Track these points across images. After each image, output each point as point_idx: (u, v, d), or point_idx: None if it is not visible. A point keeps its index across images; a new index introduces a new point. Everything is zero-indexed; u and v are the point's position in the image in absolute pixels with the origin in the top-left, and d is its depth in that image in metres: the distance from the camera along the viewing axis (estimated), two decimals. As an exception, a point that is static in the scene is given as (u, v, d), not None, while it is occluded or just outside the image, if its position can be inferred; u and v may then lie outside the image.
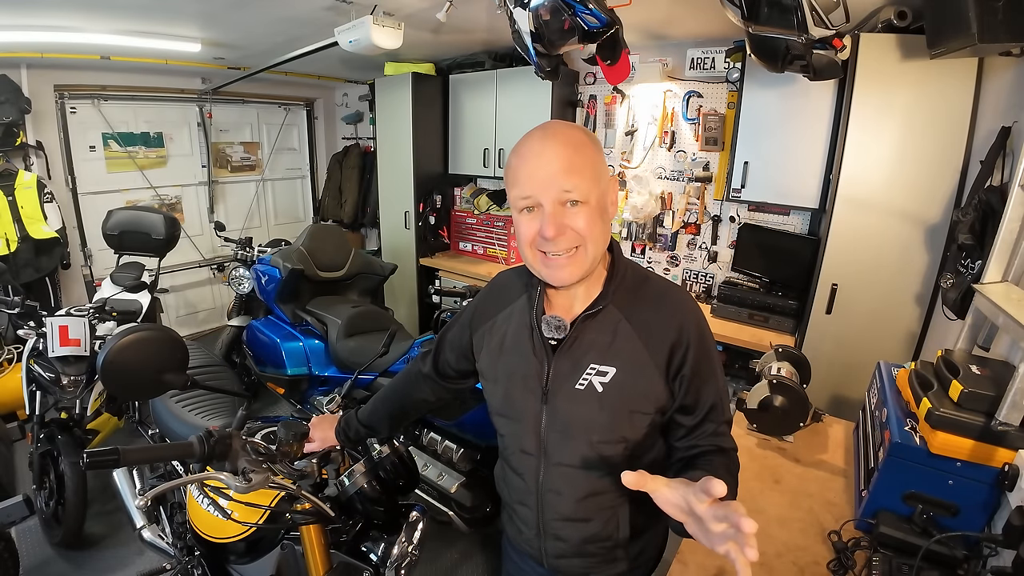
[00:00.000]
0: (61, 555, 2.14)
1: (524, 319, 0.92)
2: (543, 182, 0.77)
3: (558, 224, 0.77)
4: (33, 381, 2.11)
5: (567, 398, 0.87)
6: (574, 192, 0.77)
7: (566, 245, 0.79)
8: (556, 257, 0.80)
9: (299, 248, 2.90)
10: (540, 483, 0.93)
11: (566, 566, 1.00)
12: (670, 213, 3.15)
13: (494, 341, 0.97)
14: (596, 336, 0.86)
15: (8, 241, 3.03)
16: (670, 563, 1.13)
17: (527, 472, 0.95)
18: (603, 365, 0.85)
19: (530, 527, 0.99)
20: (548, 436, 0.90)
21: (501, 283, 1.03)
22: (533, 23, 1.85)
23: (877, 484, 1.19)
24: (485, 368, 0.99)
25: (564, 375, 0.87)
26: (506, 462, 1.02)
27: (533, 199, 0.79)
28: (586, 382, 0.85)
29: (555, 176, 0.77)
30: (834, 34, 1.79)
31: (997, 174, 1.74)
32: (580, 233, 0.79)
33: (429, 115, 3.74)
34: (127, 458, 0.88)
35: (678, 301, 0.88)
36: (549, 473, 0.92)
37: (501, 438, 1.01)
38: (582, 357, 0.86)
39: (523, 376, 0.91)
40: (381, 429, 1.22)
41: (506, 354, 0.94)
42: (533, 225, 0.80)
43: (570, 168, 0.77)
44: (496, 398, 0.97)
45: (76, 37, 2.74)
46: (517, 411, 0.93)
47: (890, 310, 2.21)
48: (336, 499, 1.14)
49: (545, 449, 0.91)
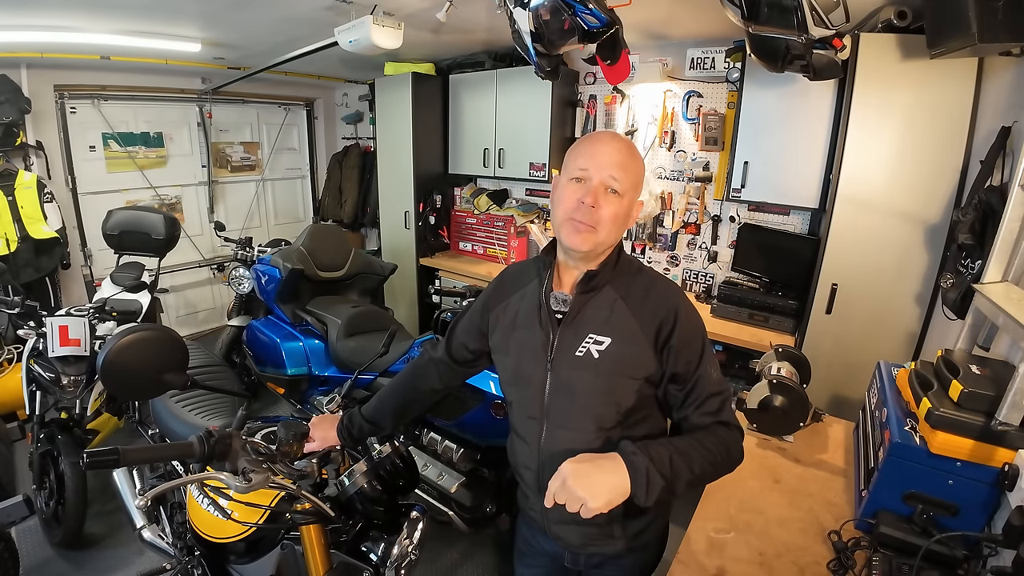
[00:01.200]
0: (61, 555, 2.14)
1: (535, 298, 1.05)
2: (600, 163, 0.94)
3: (596, 197, 0.93)
4: (33, 381, 2.11)
5: (569, 364, 0.99)
6: (618, 182, 0.93)
7: (592, 219, 0.93)
8: (581, 224, 0.94)
9: (299, 248, 2.90)
10: (541, 445, 1.04)
11: (566, 534, 1.10)
12: (670, 213, 3.15)
13: (507, 318, 1.09)
14: (595, 312, 0.99)
15: (8, 241, 3.03)
16: (670, 563, 1.13)
17: (531, 436, 1.06)
18: (600, 336, 0.97)
19: (533, 490, 1.10)
20: (551, 400, 1.02)
21: (515, 271, 1.17)
22: (533, 23, 1.85)
23: (877, 484, 1.19)
24: (498, 343, 1.11)
25: (567, 344, 0.99)
26: (514, 430, 1.13)
27: (587, 173, 0.94)
28: (584, 349, 0.98)
29: (611, 164, 0.93)
30: (834, 34, 1.79)
31: (997, 174, 1.74)
32: (603, 218, 0.93)
33: (429, 115, 3.73)
34: (127, 458, 0.88)
35: (666, 288, 1.02)
36: (550, 436, 1.03)
37: (510, 406, 1.12)
38: (582, 328, 0.99)
39: (532, 348, 1.03)
40: (386, 424, 1.25)
41: (518, 329, 1.07)
42: (578, 192, 0.94)
43: (623, 165, 0.94)
44: (507, 369, 1.10)
45: (76, 37, 2.74)
46: (525, 378, 1.05)
47: (890, 310, 2.21)
48: (336, 499, 1.14)
49: (548, 412, 1.03)
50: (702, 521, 1.24)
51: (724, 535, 1.20)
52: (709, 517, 1.25)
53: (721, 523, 1.23)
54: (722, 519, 1.25)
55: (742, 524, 1.24)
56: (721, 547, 1.17)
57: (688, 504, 1.29)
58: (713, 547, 1.17)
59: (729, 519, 1.26)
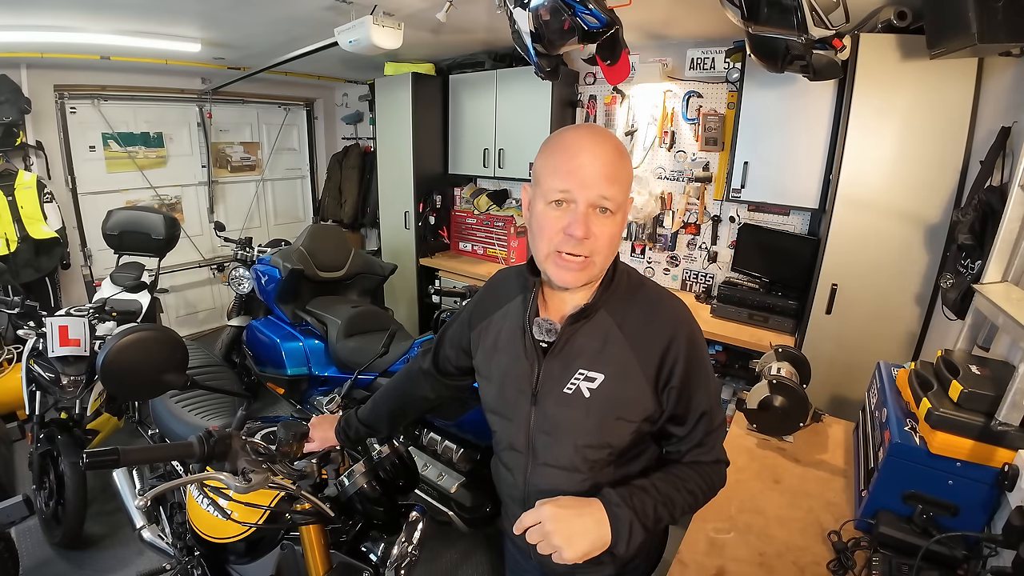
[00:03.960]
0: (61, 555, 2.13)
1: (517, 320, 0.93)
2: (586, 181, 0.75)
3: (587, 226, 0.76)
4: (33, 381, 2.11)
5: (556, 401, 0.88)
6: (610, 201, 0.76)
7: (585, 251, 0.77)
8: (570, 259, 0.78)
9: (299, 248, 2.90)
10: (527, 480, 0.95)
11: (550, 563, 0.99)
12: (670, 213, 3.14)
13: (489, 339, 0.98)
14: (587, 341, 0.86)
15: (8, 241, 3.03)
16: (670, 563, 1.13)
17: (516, 469, 0.97)
18: (592, 371, 0.85)
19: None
20: (536, 437, 0.91)
21: (499, 281, 1.04)
22: (533, 23, 1.85)
23: (877, 484, 1.19)
24: (480, 365, 1.01)
25: (554, 378, 0.87)
26: (498, 457, 1.04)
27: (571, 195, 0.76)
28: (574, 387, 0.85)
29: (598, 179, 0.75)
30: (834, 34, 1.79)
31: (997, 174, 1.74)
32: (598, 245, 0.78)
33: (429, 115, 3.73)
34: (127, 458, 0.88)
35: (671, 310, 0.87)
36: (536, 472, 0.94)
37: (494, 434, 1.03)
38: (572, 362, 0.86)
39: (515, 376, 0.92)
40: (381, 428, 1.23)
41: (499, 353, 0.95)
42: (561, 220, 0.77)
43: (613, 175, 0.76)
44: (490, 396, 0.99)
45: (76, 37, 2.74)
46: (509, 409, 0.94)
47: (890, 310, 2.21)
48: (336, 499, 1.14)
49: (533, 449, 0.92)
50: (702, 521, 1.24)
51: (724, 535, 1.20)
52: (709, 517, 1.24)
53: (721, 523, 1.23)
54: (722, 519, 1.25)
55: (742, 524, 1.24)
56: (721, 547, 1.17)
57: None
58: (713, 547, 1.17)
59: (729, 519, 1.26)
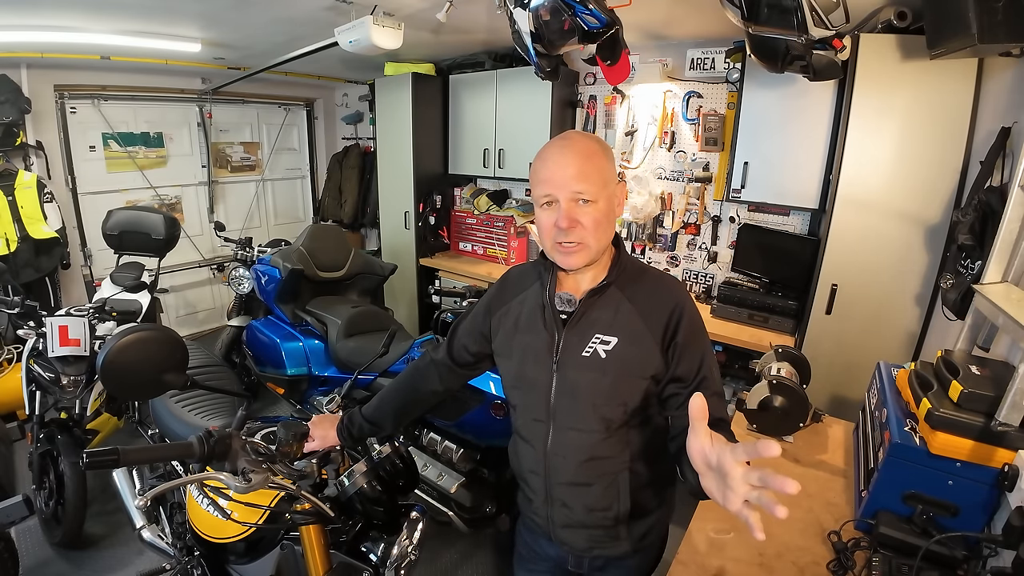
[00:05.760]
0: (61, 555, 2.13)
1: (538, 300, 1.06)
2: (559, 184, 0.93)
3: (570, 218, 0.93)
4: (33, 381, 2.11)
5: (575, 365, 0.99)
6: (584, 194, 0.93)
7: (575, 237, 0.94)
8: (568, 245, 0.95)
9: (299, 248, 2.90)
10: (548, 448, 1.04)
11: (572, 538, 1.09)
12: (670, 213, 3.15)
13: (510, 322, 1.09)
14: (601, 313, 1.00)
15: (8, 241, 3.03)
16: (670, 563, 1.13)
17: (537, 438, 1.06)
18: (607, 335, 0.98)
19: (538, 494, 1.09)
20: (557, 402, 1.02)
21: (515, 275, 1.17)
22: (533, 23, 1.85)
23: (877, 484, 1.20)
24: (500, 347, 1.11)
25: (573, 346, 1.00)
26: (517, 433, 1.13)
27: (552, 196, 0.94)
28: (591, 350, 0.98)
29: (569, 180, 0.93)
30: (834, 34, 1.79)
31: (997, 174, 1.74)
32: (586, 230, 0.94)
33: (429, 115, 3.73)
34: (127, 458, 0.88)
35: (671, 286, 1.03)
36: (556, 437, 1.03)
37: (514, 409, 1.12)
38: (588, 329, 0.99)
39: (536, 350, 1.03)
40: (386, 425, 1.26)
41: (521, 332, 1.07)
42: (552, 217, 0.95)
43: (581, 174, 0.93)
44: (510, 373, 1.10)
45: (76, 37, 2.74)
46: (530, 381, 1.05)
47: (890, 310, 2.21)
48: (336, 499, 1.13)
49: (554, 415, 1.03)
50: (702, 521, 1.24)
51: (724, 535, 1.20)
52: (709, 517, 1.25)
53: (721, 523, 1.23)
54: (722, 519, 1.25)
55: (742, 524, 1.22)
56: (721, 547, 1.17)
57: (688, 504, 1.29)
58: (713, 547, 1.17)
59: (729, 519, 1.25)
